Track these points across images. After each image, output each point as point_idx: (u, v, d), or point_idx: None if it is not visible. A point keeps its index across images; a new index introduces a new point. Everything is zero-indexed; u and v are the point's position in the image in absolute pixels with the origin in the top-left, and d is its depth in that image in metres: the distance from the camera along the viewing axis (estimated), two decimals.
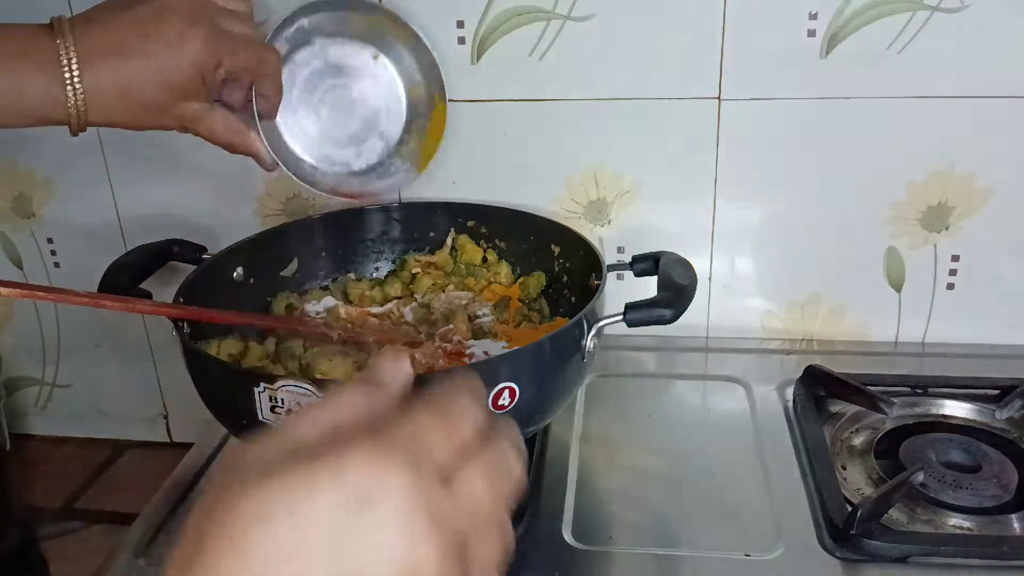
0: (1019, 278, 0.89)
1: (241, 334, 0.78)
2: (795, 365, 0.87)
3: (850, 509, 0.64)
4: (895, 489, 0.66)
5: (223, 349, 0.74)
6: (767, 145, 0.87)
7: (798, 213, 0.89)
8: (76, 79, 0.56)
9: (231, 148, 0.69)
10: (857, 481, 0.72)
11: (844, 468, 0.74)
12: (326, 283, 0.88)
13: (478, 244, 0.88)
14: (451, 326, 0.78)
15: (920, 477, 0.69)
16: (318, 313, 0.82)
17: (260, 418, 0.60)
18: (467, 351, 0.75)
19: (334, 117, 0.82)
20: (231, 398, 0.63)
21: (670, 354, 0.94)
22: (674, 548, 0.66)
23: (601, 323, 0.66)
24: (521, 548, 0.66)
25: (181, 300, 0.70)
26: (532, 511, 0.69)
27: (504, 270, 0.87)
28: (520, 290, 0.85)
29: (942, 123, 0.84)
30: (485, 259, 0.88)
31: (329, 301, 0.84)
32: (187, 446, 0.81)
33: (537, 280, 0.85)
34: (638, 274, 0.76)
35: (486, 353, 0.75)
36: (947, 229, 0.88)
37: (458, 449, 0.31)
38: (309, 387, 0.58)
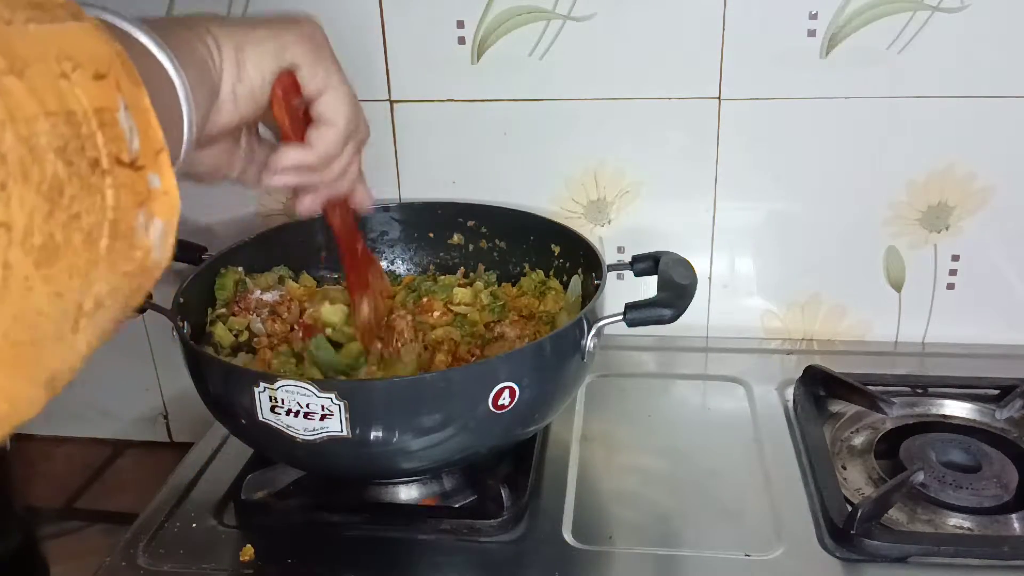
0: (1019, 278, 0.89)
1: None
2: (795, 365, 0.87)
3: (850, 509, 0.64)
4: (895, 489, 0.66)
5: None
6: (767, 145, 0.87)
7: (798, 213, 0.89)
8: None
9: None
10: (857, 481, 0.72)
11: (844, 468, 0.74)
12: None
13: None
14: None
15: (920, 477, 0.69)
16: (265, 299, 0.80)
17: (260, 418, 0.60)
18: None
19: None
20: (231, 398, 0.64)
21: (670, 354, 0.94)
22: (674, 548, 0.66)
23: (601, 323, 0.66)
24: (521, 548, 0.66)
25: (181, 300, 0.71)
26: (532, 511, 0.69)
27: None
28: (535, 303, 0.82)
29: (942, 123, 0.84)
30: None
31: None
32: (187, 446, 0.81)
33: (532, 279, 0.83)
34: (638, 274, 0.76)
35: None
36: (947, 229, 0.88)
37: None
38: (309, 387, 0.58)
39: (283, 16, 0.51)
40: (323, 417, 0.58)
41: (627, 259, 0.78)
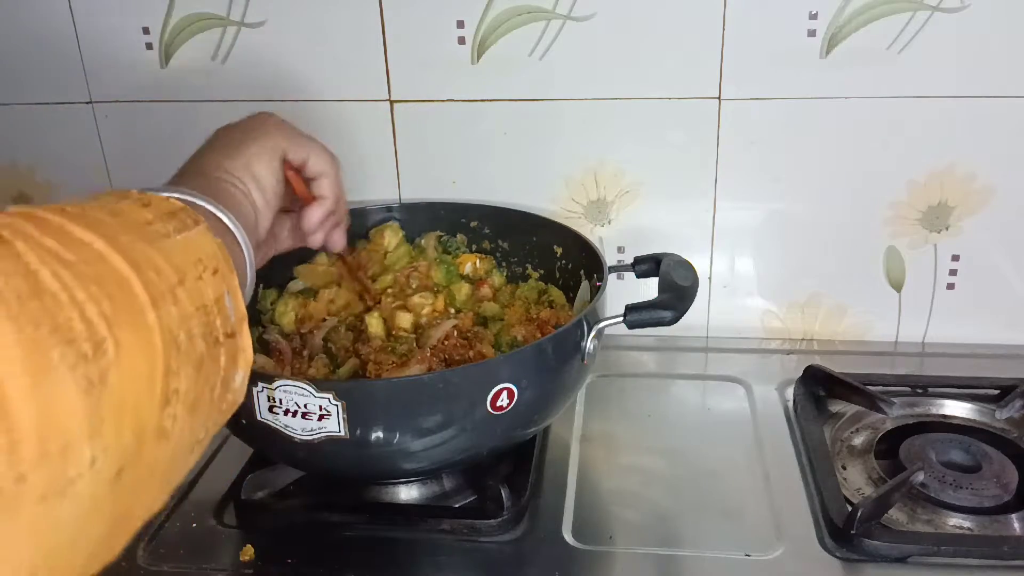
0: (1019, 278, 0.89)
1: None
2: (795, 365, 0.87)
3: (850, 509, 0.64)
4: (895, 489, 0.66)
5: None
6: (767, 145, 0.87)
7: (798, 213, 0.89)
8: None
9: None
10: (857, 481, 0.72)
11: (844, 468, 0.74)
12: None
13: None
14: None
15: (920, 477, 0.69)
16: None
17: (259, 418, 0.60)
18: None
19: None
20: None
21: (670, 354, 0.94)
22: (674, 548, 0.66)
23: (601, 324, 0.66)
24: (521, 548, 0.66)
25: None
26: (532, 511, 0.69)
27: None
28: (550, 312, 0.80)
29: (942, 123, 0.84)
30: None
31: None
32: None
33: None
34: (640, 275, 0.76)
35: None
36: (947, 229, 0.88)
37: None
38: (307, 387, 0.58)
39: (245, 122, 0.62)
40: (321, 417, 0.58)
41: (627, 259, 0.78)
